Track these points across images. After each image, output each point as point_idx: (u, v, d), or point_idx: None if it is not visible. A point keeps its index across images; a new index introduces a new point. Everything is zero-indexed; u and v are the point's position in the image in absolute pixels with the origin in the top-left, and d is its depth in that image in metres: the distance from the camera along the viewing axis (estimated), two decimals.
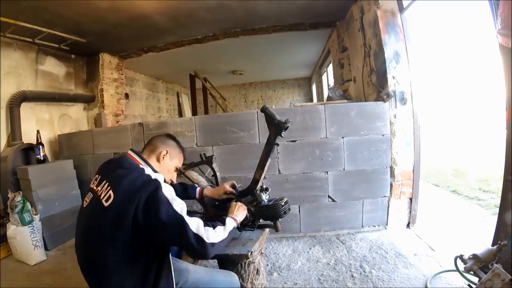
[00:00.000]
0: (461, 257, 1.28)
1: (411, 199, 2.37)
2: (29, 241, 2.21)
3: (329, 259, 1.99)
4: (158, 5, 2.63)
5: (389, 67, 2.29)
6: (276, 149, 1.58)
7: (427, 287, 1.57)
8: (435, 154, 6.12)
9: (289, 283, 1.75)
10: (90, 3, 2.41)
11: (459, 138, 8.24)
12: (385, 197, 2.35)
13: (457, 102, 13.16)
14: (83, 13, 2.57)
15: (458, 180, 4.07)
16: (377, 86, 2.42)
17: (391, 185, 2.33)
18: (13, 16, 2.40)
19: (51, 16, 2.53)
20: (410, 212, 2.38)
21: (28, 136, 2.82)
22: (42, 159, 2.65)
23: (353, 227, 2.37)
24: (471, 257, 1.23)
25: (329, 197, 2.34)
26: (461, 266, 1.27)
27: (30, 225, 2.24)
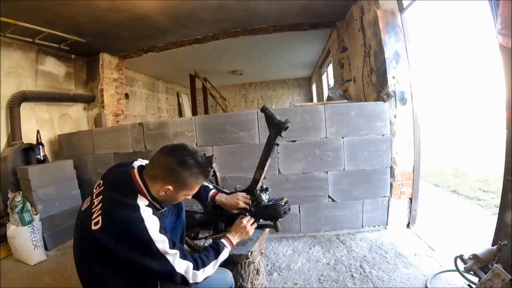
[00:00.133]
0: (461, 257, 1.28)
1: (411, 199, 2.37)
2: (29, 241, 2.20)
3: (329, 259, 1.99)
4: (158, 5, 2.63)
5: (389, 67, 2.29)
6: (276, 149, 1.58)
7: (427, 287, 1.57)
8: (435, 154, 6.11)
9: (289, 283, 1.75)
10: (90, 3, 2.41)
11: (459, 138, 8.23)
12: (385, 197, 2.35)
13: (457, 102, 13.17)
14: (83, 13, 2.57)
15: (458, 180, 4.06)
16: (377, 86, 2.42)
17: (391, 185, 2.33)
18: (13, 16, 2.40)
19: (51, 16, 2.52)
20: (410, 212, 2.38)
21: (28, 136, 2.82)
22: (42, 159, 2.65)
23: (353, 227, 2.37)
24: (471, 257, 1.23)
25: (329, 197, 2.34)
26: (461, 266, 1.27)
27: (30, 225, 2.24)
